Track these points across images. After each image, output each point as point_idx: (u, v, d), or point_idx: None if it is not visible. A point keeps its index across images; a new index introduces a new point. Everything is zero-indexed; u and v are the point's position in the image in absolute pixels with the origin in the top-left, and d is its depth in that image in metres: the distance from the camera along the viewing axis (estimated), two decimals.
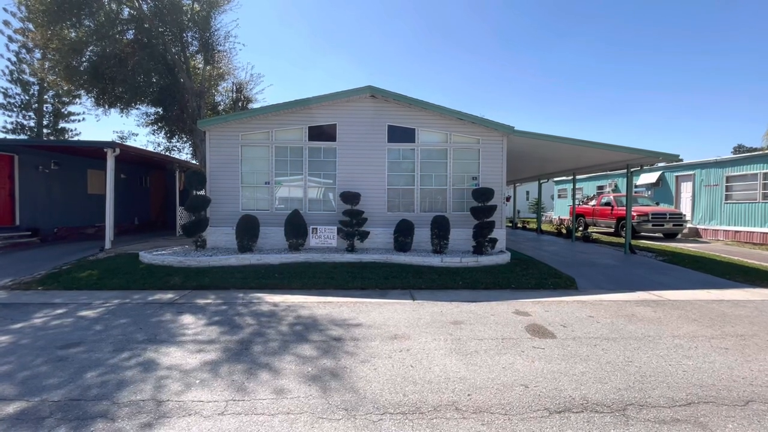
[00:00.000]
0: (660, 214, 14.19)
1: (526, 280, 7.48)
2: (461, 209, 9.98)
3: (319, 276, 7.41)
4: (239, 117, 9.54)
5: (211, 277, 7.30)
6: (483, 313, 5.62)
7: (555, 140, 9.56)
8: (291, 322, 5.14)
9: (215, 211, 9.68)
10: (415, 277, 7.49)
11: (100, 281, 7.09)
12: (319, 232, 9.08)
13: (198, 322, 5.08)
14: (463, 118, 9.64)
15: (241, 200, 9.76)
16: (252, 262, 8.33)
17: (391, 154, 9.89)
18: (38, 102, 23.72)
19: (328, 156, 9.83)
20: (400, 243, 9.19)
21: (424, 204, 9.97)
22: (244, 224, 8.89)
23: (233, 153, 9.70)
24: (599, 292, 7.00)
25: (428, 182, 9.95)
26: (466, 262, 8.46)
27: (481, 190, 9.13)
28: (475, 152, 9.97)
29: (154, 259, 8.34)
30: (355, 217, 9.07)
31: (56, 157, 12.23)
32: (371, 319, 5.29)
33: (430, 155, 9.94)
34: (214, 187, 9.69)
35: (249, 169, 9.79)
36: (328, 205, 9.90)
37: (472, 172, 9.99)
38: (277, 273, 7.55)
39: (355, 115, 9.77)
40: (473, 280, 7.36)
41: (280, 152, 9.79)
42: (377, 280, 7.29)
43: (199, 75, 13.90)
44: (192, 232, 8.83)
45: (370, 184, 9.75)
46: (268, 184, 9.77)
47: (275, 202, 9.82)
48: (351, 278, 7.32)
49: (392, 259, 8.57)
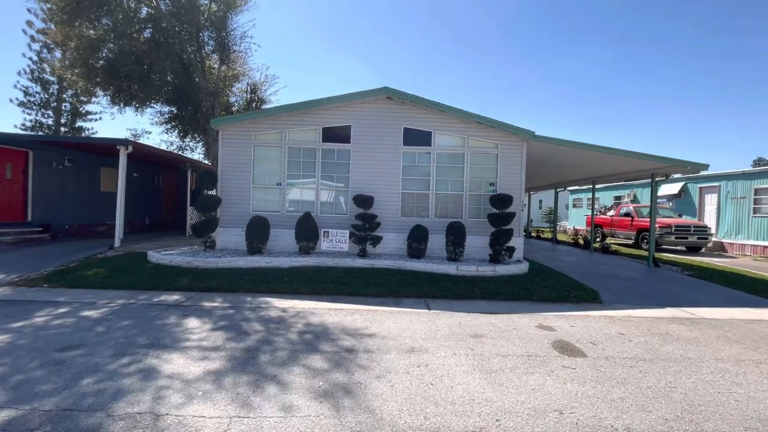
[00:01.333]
0: (684, 226, 13.63)
1: (547, 292, 7.10)
2: (477, 216, 9.64)
3: (330, 281, 7.13)
4: (252, 117, 9.39)
5: (219, 279, 7.08)
6: (504, 326, 5.27)
7: (578, 147, 9.19)
8: (300, 329, 4.86)
9: (225, 211, 9.51)
10: (430, 285, 7.17)
11: (107, 280, 6.92)
12: (330, 236, 8.83)
13: (203, 327, 4.84)
14: (482, 122, 9.34)
15: (252, 201, 9.57)
16: (261, 265, 8.10)
17: (406, 157, 9.62)
18: (57, 101, 24.08)
19: (342, 158, 9.61)
20: (413, 249, 8.88)
21: (439, 209, 9.65)
22: (254, 225, 8.69)
23: (245, 153, 9.53)
24: (626, 306, 6.59)
25: (444, 187, 9.64)
26: (482, 271, 8.10)
27: (499, 197, 8.79)
28: (493, 157, 9.64)
29: (162, 259, 8.16)
30: (368, 221, 8.80)
31: (70, 154, 12.25)
32: (385, 329, 4.98)
33: (447, 159, 9.64)
34: (225, 187, 9.52)
35: (261, 170, 9.61)
36: (341, 208, 9.65)
37: (490, 177, 9.66)
38: (287, 277, 7.30)
39: (370, 116, 9.54)
40: (491, 291, 7.01)
41: (292, 153, 9.60)
42: (391, 287, 6.99)
43: (214, 75, 13.87)
44: (201, 233, 8.65)
45: (384, 188, 9.48)
46: (280, 185, 9.57)
47: (286, 204, 9.61)
48: (363, 284, 7.03)
49: (405, 266, 8.26)
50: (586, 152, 9.63)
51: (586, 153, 9.71)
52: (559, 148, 9.83)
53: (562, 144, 9.23)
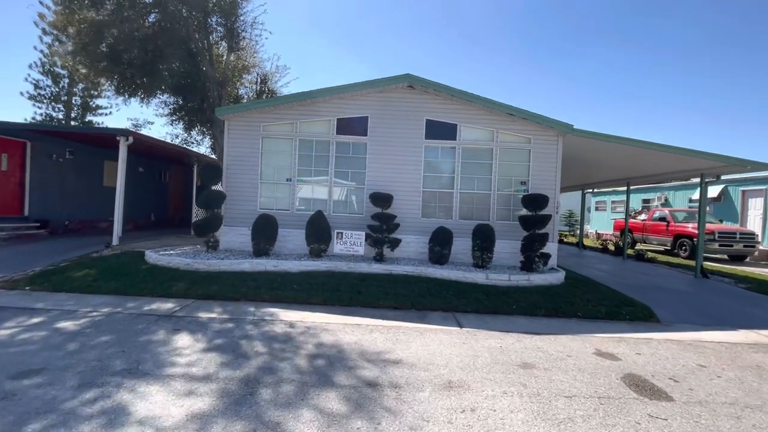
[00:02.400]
0: (729, 233, 12.47)
1: (594, 308, 6.15)
2: (506, 218, 8.71)
3: (344, 289, 6.29)
4: (261, 106, 8.61)
5: (220, 284, 6.29)
6: (555, 352, 4.37)
7: (622, 142, 8.19)
8: (311, 351, 4.02)
9: (230, 208, 8.74)
10: (457, 296, 6.28)
11: (95, 283, 6.18)
12: (344, 238, 7.99)
13: (195, 346, 4.04)
14: (514, 114, 8.41)
15: (260, 198, 8.80)
16: (267, 269, 7.31)
17: (429, 152, 8.74)
18: (67, 94, 23.75)
19: (358, 152, 8.77)
20: (436, 254, 7.99)
21: (464, 210, 8.75)
22: (261, 225, 7.90)
23: (253, 145, 8.76)
24: (690, 327, 5.62)
25: (469, 186, 8.73)
26: (515, 281, 7.18)
27: (533, 197, 7.85)
28: (525, 153, 8.70)
29: (159, 260, 7.42)
30: (386, 221, 7.94)
31: (71, 145, 11.65)
32: (413, 352, 4.12)
33: (473, 155, 8.73)
34: (231, 183, 8.76)
35: (269, 164, 8.82)
36: (355, 207, 8.81)
37: (521, 176, 8.72)
38: (296, 284, 6.48)
39: (390, 107, 8.69)
40: (529, 305, 6.09)
41: (304, 146, 8.79)
42: (413, 298, 6.12)
43: (222, 64, 13.16)
44: (203, 231, 7.90)
45: (403, 186, 8.61)
46: (290, 181, 8.77)
47: (296, 202, 8.81)
48: (382, 294, 6.17)
49: (427, 273, 7.38)
50: (629, 149, 8.63)
51: (628, 150, 8.71)
52: (597, 145, 8.85)
53: (604, 139, 8.24)
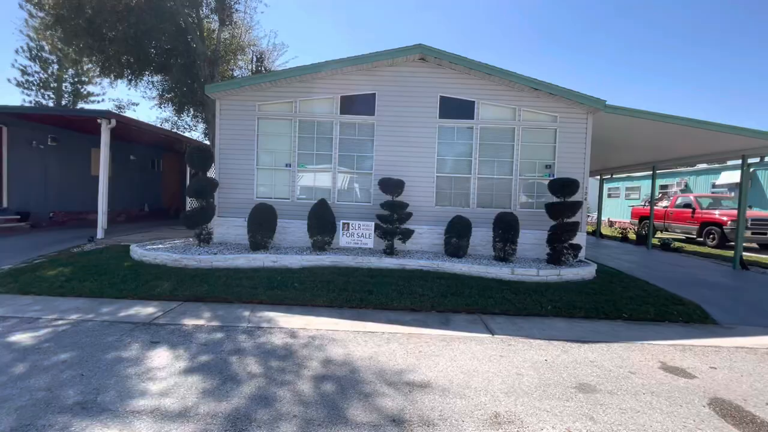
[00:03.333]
0: (762, 219, 11.60)
1: (639, 307, 5.36)
2: (529, 205, 7.88)
3: (352, 288, 5.51)
4: (257, 81, 7.71)
5: (211, 283, 5.52)
6: (614, 367, 3.58)
7: (666, 120, 7.28)
8: (317, 372, 3.25)
9: (224, 198, 7.93)
10: (482, 295, 5.49)
11: (68, 284, 5.41)
12: (351, 229, 7.18)
13: (174, 366, 3.26)
14: (539, 88, 7.50)
15: (257, 186, 7.97)
16: (265, 264, 6.53)
17: (443, 133, 7.86)
18: (57, 80, 22.80)
19: (364, 133, 7.90)
20: (452, 246, 7.18)
21: (483, 197, 7.91)
22: (258, 215, 7.09)
23: (248, 127, 7.89)
24: (755, 331, 4.83)
25: (488, 170, 7.87)
26: (545, 276, 6.38)
27: (562, 182, 7.00)
28: (551, 133, 7.81)
29: (145, 255, 6.64)
30: (397, 210, 7.12)
31: (53, 131, 10.79)
32: (442, 371, 3.34)
33: (493, 136, 7.86)
34: (224, 169, 7.93)
35: (267, 148, 7.97)
36: (362, 195, 7.98)
37: (546, 158, 7.85)
38: (297, 282, 5.69)
39: (400, 82, 7.78)
40: (565, 304, 5.30)
41: (304, 128, 7.92)
42: (432, 297, 5.33)
43: (214, 39, 12.17)
44: (194, 223, 7.10)
45: (415, 171, 7.77)
46: (290, 167, 7.93)
47: (297, 190, 7.98)
48: (396, 293, 5.38)
49: (444, 267, 6.59)
50: (667, 128, 7.72)
51: (666, 129, 7.80)
52: (629, 123, 7.95)
53: (642, 116, 7.34)
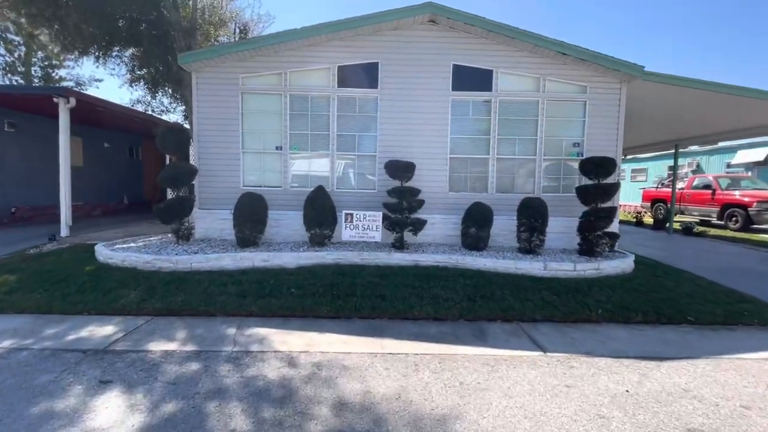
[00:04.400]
0: None
1: (702, 307, 4.51)
2: (554, 189, 6.96)
3: (361, 292, 4.57)
4: (239, 49, 6.58)
5: (189, 291, 4.53)
6: (718, 399, 2.71)
7: (721, 90, 6.37)
8: (329, 426, 2.31)
9: (206, 187, 6.88)
10: (517, 296, 4.59)
11: (10, 296, 4.39)
12: (354, 221, 6.19)
13: (126, 424, 2.31)
14: (567, 53, 6.49)
15: (243, 173, 6.92)
16: (255, 264, 5.55)
17: (457, 107, 6.85)
18: (25, 64, 21.13)
19: (366, 109, 6.86)
20: (471, 237, 6.26)
21: (502, 181, 6.97)
22: (245, 206, 6.07)
23: (231, 104, 6.80)
24: None
25: (509, 149, 6.91)
26: (582, 270, 5.50)
27: (598, 161, 6.07)
28: (579, 106, 6.85)
29: (112, 257, 5.61)
30: (407, 198, 6.15)
31: (11, 115, 9.54)
32: (498, 415, 2.43)
33: (514, 110, 6.87)
34: (205, 154, 6.85)
35: (254, 129, 6.90)
36: (366, 181, 6.99)
37: (574, 135, 6.91)
38: (294, 286, 4.73)
39: (406, 49, 6.72)
40: (617, 306, 4.43)
41: (297, 104, 6.85)
42: (458, 302, 4.42)
43: (189, 7, 10.88)
44: (170, 217, 6.05)
45: (425, 152, 6.78)
46: (280, 150, 6.89)
47: (290, 177, 6.95)
48: (415, 298, 4.46)
49: (465, 263, 5.68)
50: (715, 99, 6.81)
51: (713, 100, 6.89)
52: (665, 95, 7.03)
53: (690, 85, 6.39)
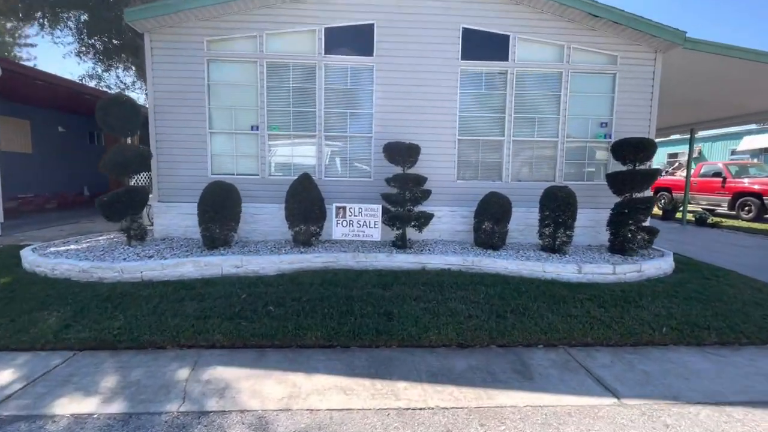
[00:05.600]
0: None
1: None
2: (578, 176, 6.04)
3: (360, 309, 3.54)
4: (202, 5, 5.29)
5: (132, 312, 3.43)
6: None
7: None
8: None
9: (167, 175, 5.70)
10: (556, 310, 3.64)
11: None
12: (347, 215, 5.11)
13: None
14: (599, 15, 5.48)
15: (211, 158, 5.76)
16: (225, 271, 4.46)
17: (468, 80, 5.81)
18: None
19: (360, 82, 5.75)
20: (485, 234, 5.28)
21: (519, 167, 6.00)
22: (212, 198, 4.93)
23: (194, 73, 5.59)
24: None
25: (527, 130, 5.92)
26: (622, 273, 4.59)
27: (635, 143, 5.12)
28: (608, 80, 5.89)
29: (40, 264, 4.43)
30: (411, 187, 5.12)
31: None
32: None
33: (534, 84, 5.87)
34: (164, 135, 5.65)
35: (223, 104, 5.72)
36: (359, 168, 5.92)
37: (601, 113, 5.96)
38: (273, 302, 3.67)
39: (407, 9, 5.61)
40: (682, 322, 3.52)
41: (276, 74, 5.69)
42: (484, 319, 3.44)
43: None
44: (115, 213, 4.86)
45: (430, 133, 5.74)
46: (257, 130, 5.73)
47: (269, 162, 5.83)
48: (430, 317, 3.46)
49: (483, 266, 4.70)
50: (742, 76, 5.96)
51: (760, 74, 6.03)
52: (706, 67, 6.14)
53: (739, 56, 5.49)
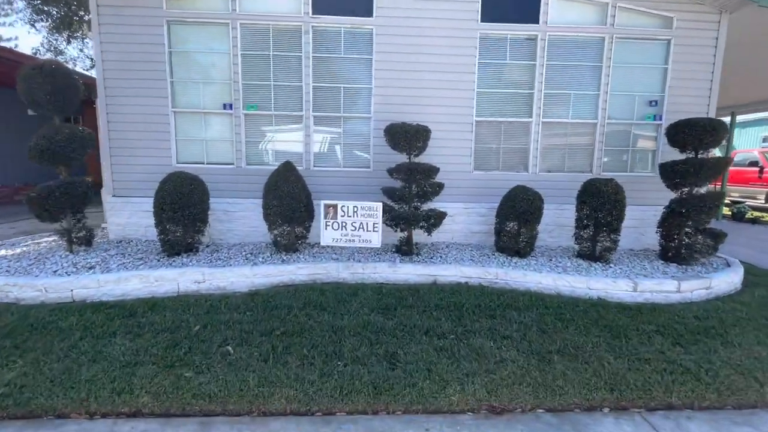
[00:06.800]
0: None
1: None
2: (619, 166, 5.02)
3: (352, 351, 2.58)
4: None
5: (36, 356, 2.48)
6: None
7: None
8: None
9: (122, 164, 4.72)
10: (616, 350, 2.67)
11: None
12: (340, 215, 4.11)
13: None
14: None
15: (176, 143, 4.76)
16: (182, 288, 3.51)
17: (488, 48, 4.75)
18: None
19: (355, 49, 4.70)
20: (511, 237, 4.30)
21: (549, 155, 4.97)
22: (172, 192, 3.96)
23: (152, 38, 4.55)
24: None
25: (560, 110, 4.88)
26: (688, 291, 3.61)
27: (703, 124, 4.07)
28: (660, 48, 4.82)
29: None
30: (419, 179, 4.12)
31: None
32: None
33: (568, 53, 4.80)
34: (117, 115, 4.65)
35: (188, 76, 4.69)
36: (355, 156, 4.91)
37: (649, 90, 4.89)
38: (234, 339, 2.71)
39: None
40: None
41: (252, 39, 4.64)
42: (522, 366, 2.48)
43: None
44: (48, 212, 3.90)
45: (441, 113, 4.71)
46: (230, 108, 4.72)
47: (246, 150, 4.82)
48: (447, 361, 2.49)
49: (508, 279, 3.73)
50: None
51: None
52: None
53: None
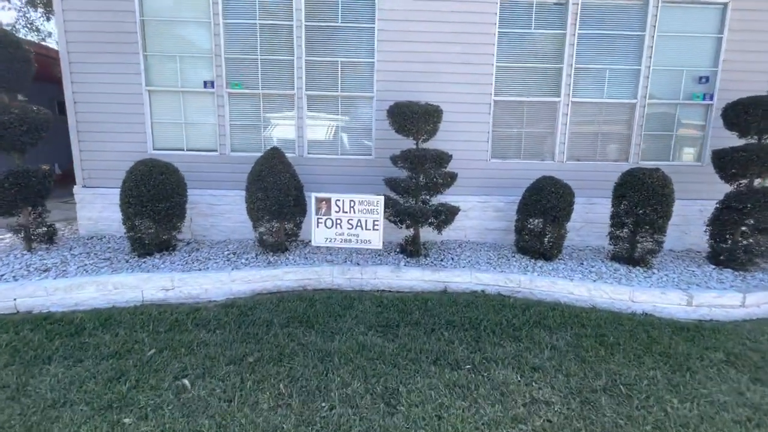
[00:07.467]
0: None
1: None
2: (660, 154, 4.36)
3: (342, 387, 2.04)
4: None
5: None
6: None
7: None
8: None
9: (91, 150, 4.18)
10: (673, 385, 2.09)
11: None
12: (334, 212, 3.52)
13: None
14: None
15: (151, 126, 4.20)
16: (148, 297, 2.99)
17: (510, 13, 4.07)
18: None
19: (354, 18, 4.06)
20: (534, 237, 3.70)
21: (578, 141, 4.32)
22: (141, 184, 3.41)
23: (121, 6, 3.95)
24: None
25: (593, 88, 4.21)
26: (755, 305, 3.00)
27: (763, 103, 3.40)
28: (714, 14, 4.10)
29: None
30: (427, 169, 3.52)
31: None
32: None
33: (604, 19, 4.11)
34: (84, 94, 4.09)
35: (163, 49, 4.10)
36: (354, 141, 4.31)
37: (700, 63, 4.20)
38: (195, 367, 2.18)
39: None
40: None
41: (236, 7, 4.02)
42: (562, 413, 1.91)
43: None
44: (7, 204, 3.38)
45: (454, 91, 4.07)
46: (212, 87, 4.13)
47: (230, 134, 4.24)
48: (464, 404, 1.93)
49: (533, 288, 3.16)
50: None
51: None
52: None
53: None
